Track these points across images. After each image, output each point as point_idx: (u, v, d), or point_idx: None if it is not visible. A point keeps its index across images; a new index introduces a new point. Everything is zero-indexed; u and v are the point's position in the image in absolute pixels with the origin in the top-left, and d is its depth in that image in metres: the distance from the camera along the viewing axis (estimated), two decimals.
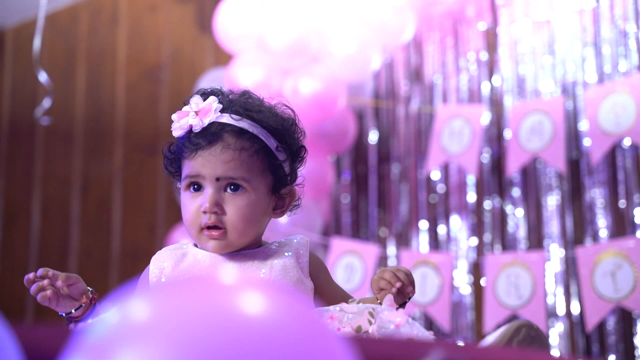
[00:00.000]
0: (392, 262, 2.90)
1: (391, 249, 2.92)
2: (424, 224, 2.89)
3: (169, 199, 3.44)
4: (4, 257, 3.77)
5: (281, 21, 2.72)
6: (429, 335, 1.22)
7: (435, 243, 2.87)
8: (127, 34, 3.71)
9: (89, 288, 1.30)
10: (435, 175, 2.88)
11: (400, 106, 3.02)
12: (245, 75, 2.74)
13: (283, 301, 0.57)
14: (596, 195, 2.57)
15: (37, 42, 2.62)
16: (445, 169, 2.88)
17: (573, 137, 2.65)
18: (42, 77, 2.62)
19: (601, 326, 2.47)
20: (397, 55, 3.03)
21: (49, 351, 0.62)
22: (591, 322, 2.25)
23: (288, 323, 0.56)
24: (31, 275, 1.26)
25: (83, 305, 1.27)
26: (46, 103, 2.65)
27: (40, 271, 1.26)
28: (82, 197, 3.67)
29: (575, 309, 2.52)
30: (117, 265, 3.51)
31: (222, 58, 3.24)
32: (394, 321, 1.18)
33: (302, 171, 1.39)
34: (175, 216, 3.34)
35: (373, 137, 3.05)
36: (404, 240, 2.94)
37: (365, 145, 3.07)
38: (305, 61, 2.78)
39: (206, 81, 2.94)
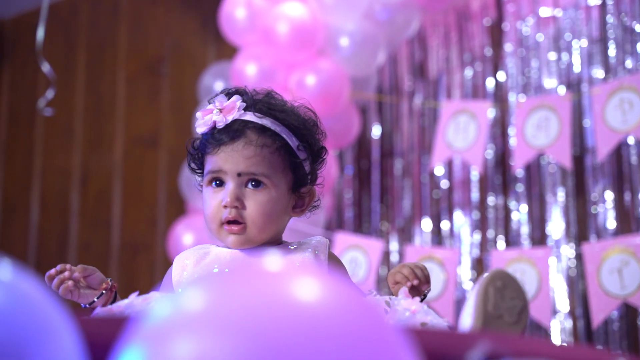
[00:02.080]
0: (395, 257, 2.89)
1: (393, 244, 2.92)
2: (426, 220, 2.89)
3: (170, 192, 3.43)
4: (3, 251, 3.74)
5: (287, 14, 2.70)
6: (443, 323, 1.22)
7: (438, 239, 2.87)
8: (128, 26, 3.68)
9: (107, 278, 1.32)
10: (439, 170, 2.87)
11: (403, 101, 3.01)
12: (250, 68, 2.73)
13: (339, 289, 0.57)
14: (601, 192, 2.57)
15: (40, 33, 2.60)
16: (449, 164, 2.88)
17: (577, 133, 2.65)
18: (45, 67, 2.60)
19: (605, 323, 2.47)
20: (401, 50, 3.02)
21: (107, 339, 0.61)
22: (597, 319, 2.25)
23: (345, 310, 0.55)
24: (52, 271, 1.28)
25: (104, 293, 1.29)
26: (49, 94, 2.63)
27: (59, 266, 1.28)
28: (82, 190, 3.65)
29: (581, 306, 2.52)
30: (116, 259, 3.49)
31: (225, 51, 3.23)
32: (410, 309, 1.20)
33: (322, 172, 1.40)
34: (175, 210, 3.33)
35: (376, 132, 3.04)
36: (406, 236, 2.94)
37: (369, 140, 3.07)
38: (311, 55, 2.77)
39: (211, 74, 2.92)
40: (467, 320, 1.16)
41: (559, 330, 2.54)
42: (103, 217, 3.56)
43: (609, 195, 2.56)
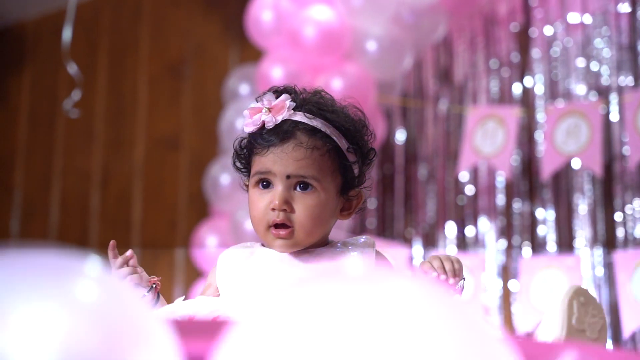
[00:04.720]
0: (419, 262, 2.87)
1: (417, 250, 2.89)
2: (451, 225, 2.87)
3: (190, 195, 3.42)
4: None
5: (314, 18, 2.69)
6: None
7: (463, 245, 2.85)
8: (150, 28, 3.68)
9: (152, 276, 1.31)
10: (464, 176, 2.85)
11: (428, 106, 2.99)
12: (276, 71, 2.72)
13: (436, 292, 0.55)
14: (629, 199, 2.55)
15: (66, 34, 2.59)
16: (475, 170, 2.86)
17: (606, 140, 2.62)
18: (72, 68, 2.59)
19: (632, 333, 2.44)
20: (427, 54, 3.01)
21: (202, 343, 0.60)
22: (629, 328, 2.22)
23: (446, 314, 0.54)
24: (111, 253, 1.30)
25: (154, 287, 1.28)
26: (75, 95, 2.63)
27: (113, 244, 1.29)
28: (102, 192, 3.64)
29: (609, 314, 2.49)
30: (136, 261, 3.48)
31: (247, 54, 3.22)
32: None
33: (371, 174, 1.38)
34: (196, 212, 3.32)
35: (401, 136, 3.02)
36: (430, 241, 2.92)
37: (393, 144, 3.05)
38: (337, 59, 2.76)
39: (236, 77, 2.92)
40: (549, 331, 1.15)
41: None
42: (123, 218, 3.55)
43: (638, 203, 2.53)
